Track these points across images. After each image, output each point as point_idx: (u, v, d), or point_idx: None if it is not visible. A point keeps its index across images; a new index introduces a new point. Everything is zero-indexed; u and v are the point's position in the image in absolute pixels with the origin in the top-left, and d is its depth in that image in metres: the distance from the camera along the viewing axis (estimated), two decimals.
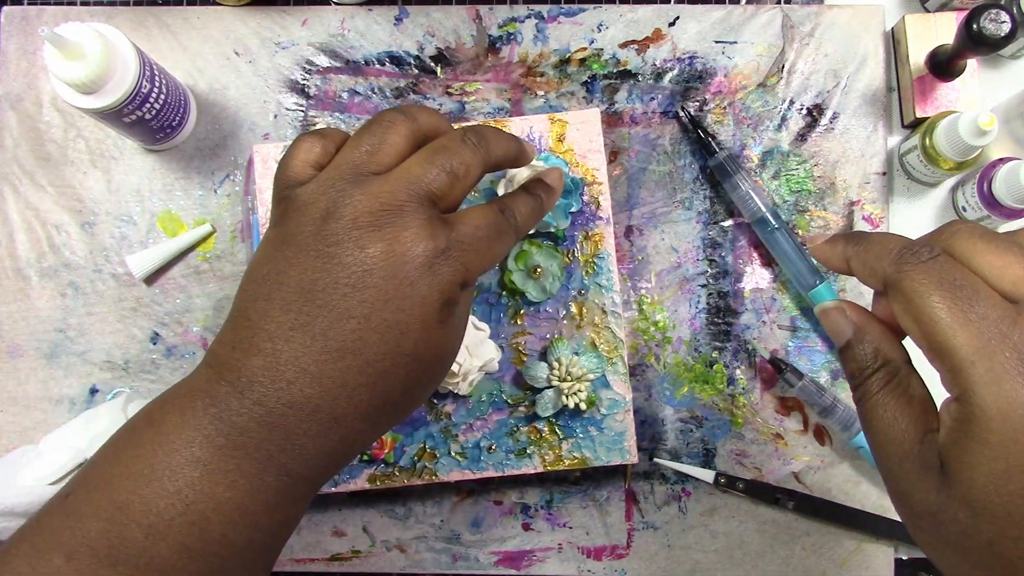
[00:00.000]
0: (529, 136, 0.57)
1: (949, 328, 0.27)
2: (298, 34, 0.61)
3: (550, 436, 0.56)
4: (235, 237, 0.60)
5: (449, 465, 0.56)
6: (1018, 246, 0.29)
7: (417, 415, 0.56)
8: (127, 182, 0.61)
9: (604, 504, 0.59)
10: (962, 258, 0.29)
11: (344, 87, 0.61)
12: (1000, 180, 0.54)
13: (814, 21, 0.61)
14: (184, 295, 0.60)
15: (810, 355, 0.59)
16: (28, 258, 0.60)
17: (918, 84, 0.60)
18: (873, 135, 0.61)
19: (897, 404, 0.30)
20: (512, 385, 0.56)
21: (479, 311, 0.56)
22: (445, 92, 0.61)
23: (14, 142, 0.60)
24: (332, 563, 0.59)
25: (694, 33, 0.62)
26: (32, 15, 0.61)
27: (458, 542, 0.59)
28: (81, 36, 0.49)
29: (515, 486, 0.59)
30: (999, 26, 0.52)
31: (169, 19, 0.61)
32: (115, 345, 0.60)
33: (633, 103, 0.61)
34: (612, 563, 0.59)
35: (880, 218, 0.60)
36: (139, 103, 0.53)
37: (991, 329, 0.27)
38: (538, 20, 0.62)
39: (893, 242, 0.30)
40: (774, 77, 0.61)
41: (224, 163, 0.61)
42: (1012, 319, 0.27)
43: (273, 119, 0.61)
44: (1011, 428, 0.26)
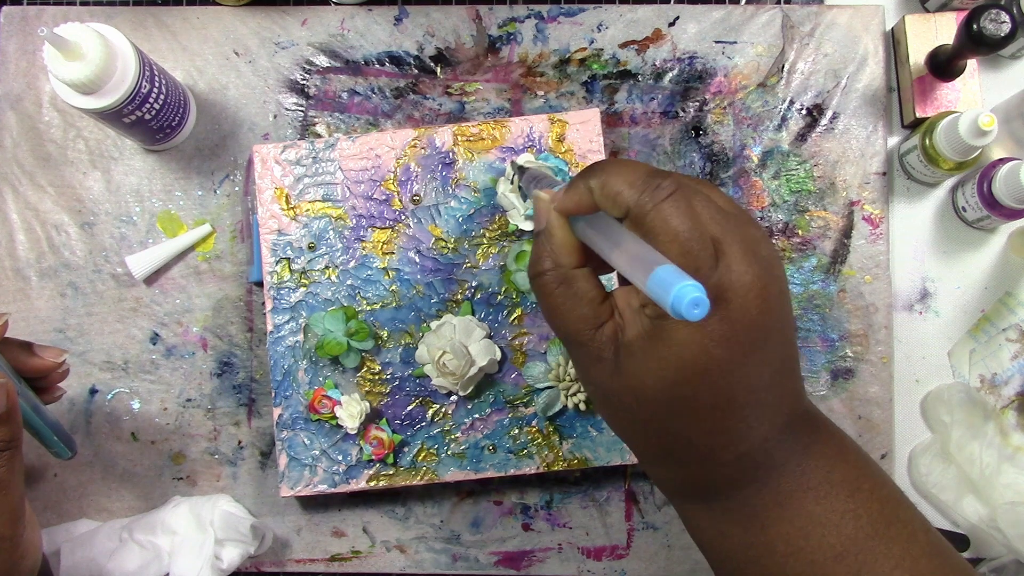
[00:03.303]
0: (529, 136, 0.57)
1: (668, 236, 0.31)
2: (298, 34, 0.61)
3: (550, 436, 0.56)
4: (235, 237, 0.60)
5: (449, 465, 0.56)
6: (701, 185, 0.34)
7: (417, 415, 0.56)
8: (127, 182, 0.61)
9: (604, 504, 0.59)
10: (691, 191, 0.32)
11: (344, 87, 0.61)
12: (1000, 180, 0.54)
13: (814, 21, 0.61)
14: (184, 295, 0.60)
15: (810, 355, 0.59)
16: (28, 258, 0.60)
17: (918, 84, 0.60)
18: (873, 135, 0.61)
19: (566, 300, 0.34)
20: (512, 385, 0.56)
21: (479, 311, 0.56)
22: (445, 92, 0.61)
23: (14, 142, 0.60)
24: (332, 563, 0.59)
25: (694, 33, 0.62)
26: (32, 15, 0.61)
27: (458, 542, 0.59)
28: (81, 36, 0.49)
29: (515, 486, 0.59)
30: (999, 26, 0.52)
31: (169, 19, 0.61)
32: (115, 345, 0.60)
33: (633, 103, 0.61)
34: (612, 563, 0.59)
35: (880, 218, 0.60)
36: (139, 103, 0.53)
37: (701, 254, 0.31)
38: (538, 20, 0.62)
39: (632, 174, 0.33)
40: (774, 77, 0.61)
41: (224, 163, 0.61)
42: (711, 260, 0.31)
43: (273, 119, 0.61)
44: (686, 354, 0.31)
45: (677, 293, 0.27)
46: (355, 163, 0.57)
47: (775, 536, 0.34)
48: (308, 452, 0.56)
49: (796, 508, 0.34)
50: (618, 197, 0.32)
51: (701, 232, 0.31)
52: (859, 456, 0.36)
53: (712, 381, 0.31)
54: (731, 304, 0.31)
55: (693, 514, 0.37)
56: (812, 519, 0.33)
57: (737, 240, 0.32)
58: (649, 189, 0.32)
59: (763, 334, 0.32)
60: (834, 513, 0.33)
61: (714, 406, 0.32)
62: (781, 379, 0.34)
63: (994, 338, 0.60)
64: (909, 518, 0.35)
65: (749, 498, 0.34)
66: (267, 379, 0.59)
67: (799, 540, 0.33)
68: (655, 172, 0.32)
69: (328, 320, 0.55)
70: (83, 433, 0.59)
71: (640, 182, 0.32)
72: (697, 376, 0.31)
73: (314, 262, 0.56)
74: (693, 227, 0.31)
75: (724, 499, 0.35)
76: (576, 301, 0.34)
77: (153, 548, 0.55)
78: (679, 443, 0.34)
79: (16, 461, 0.42)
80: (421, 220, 0.57)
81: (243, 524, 0.56)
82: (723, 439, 0.33)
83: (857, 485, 0.34)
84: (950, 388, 0.59)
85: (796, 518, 0.34)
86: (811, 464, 0.34)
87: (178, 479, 0.59)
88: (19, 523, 0.43)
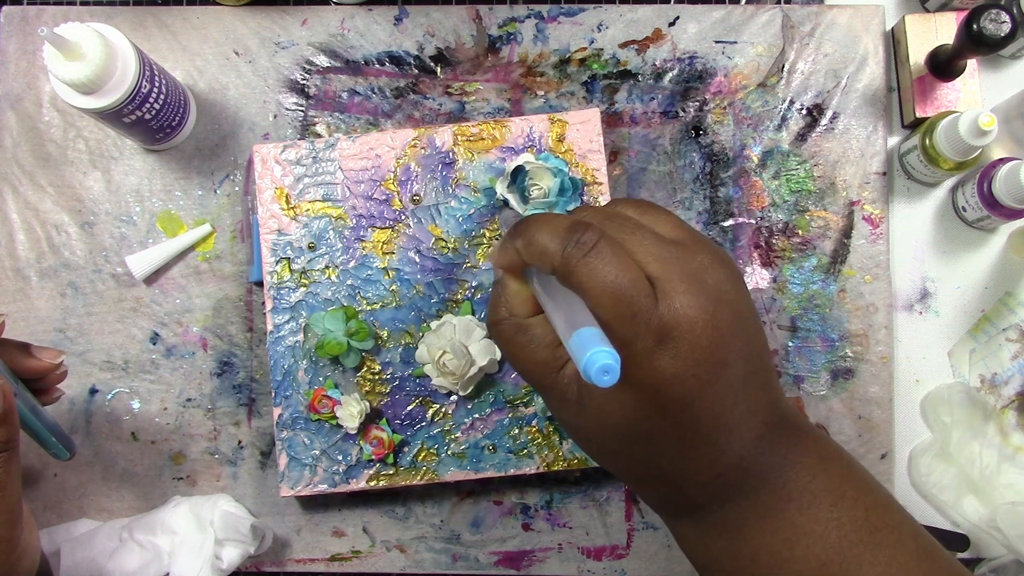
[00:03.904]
0: (529, 136, 0.57)
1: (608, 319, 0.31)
2: (298, 34, 0.61)
3: (550, 436, 0.56)
4: (235, 237, 0.60)
5: (449, 465, 0.56)
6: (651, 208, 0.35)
7: (417, 415, 0.56)
8: (127, 182, 0.61)
9: (604, 504, 0.59)
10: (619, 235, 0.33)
11: (344, 87, 0.61)
12: (1000, 180, 0.54)
13: (814, 21, 0.61)
14: (184, 295, 0.60)
15: (810, 355, 0.59)
16: (28, 258, 0.60)
17: (918, 84, 0.60)
18: (873, 135, 0.61)
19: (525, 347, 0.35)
20: (512, 385, 0.56)
21: (479, 311, 0.56)
22: (445, 92, 0.61)
23: (14, 142, 0.60)
24: (332, 563, 0.59)
25: (694, 33, 0.62)
26: (32, 15, 0.61)
27: (458, 542, 0.59)
28: (81, 36, 0.49)
29: (515, 486, 0.59)
30: (999, 26, 0.52)
31: (169, 19, 0.61)
32: (115, 345, 0.60)
33: (633, 103, 0.61)
34: (612, 563, 0.59)
35: (880, 218, 0.60)
36: (139, 103, 0.53)
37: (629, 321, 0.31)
38: (538, 20, 0.62)
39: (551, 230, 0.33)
40: (774, 77, 0.61)
41: (224, 163, 0.61)
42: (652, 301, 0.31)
43: (273, 119, 0.61)
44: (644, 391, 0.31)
45: (588, 359, 0.27)
46: (355, 163, 0.57)
47: (759, 548, 0.34)
48: (308, 452, 0.56)
49: (778, 519, 0.34)
50: (543, 257, 0.32)
51: (632, 277, 0.31)
52: (842, 462, 0.36)
53: (673, 416, 0.32)
54: (679, 340, 0.31)
55: (679, 528, 0.38)
56: (796, 529, 0.33)
57: (677, 274, 0.31)
58: (571, 245, 0.31)
59: (719, 362, 0.32)
60: (817, 523, 0.33)
61: (679, 438, 0.32)
62: (748, 397, 0.34)
63: (994, 338, 0.60)
64: (896, 523, 0.34)
65: (730, 512, 0.35)
66: (267, 379, 0.59)
67: (783, 551, 0.33)
68: (575, 225, 0.32)
69: (328, 320, 0.55)
70: (83, 433, 0.59)
71: (559, 239, 0.32)
72: (657, 413, 0.32)
73: (314, 262, 0.56)
74: (621, 275, 0.31)
75: (707, 514, 0.35)
76: (534, 348, 0.35)
77: (153, 548, 0.55)
78: (651, 471, 0.34)
79: (13, 463, 0.42)
80: (421, 220, 0.57)
81: (243, 524, 0.56)
82: (695, 465, 0.33)
83: (840, 493, 0.34)
84: (950, 388, 0.59)
85: (779, 529, 0.34)
86: (792, 475, 0.34)
87: (178, 479, 0.59)
88: (16, 525, 0.43)
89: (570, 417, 0.35)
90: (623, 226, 0.33)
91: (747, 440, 0.34)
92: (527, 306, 0.36)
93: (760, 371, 0.34)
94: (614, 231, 0.33)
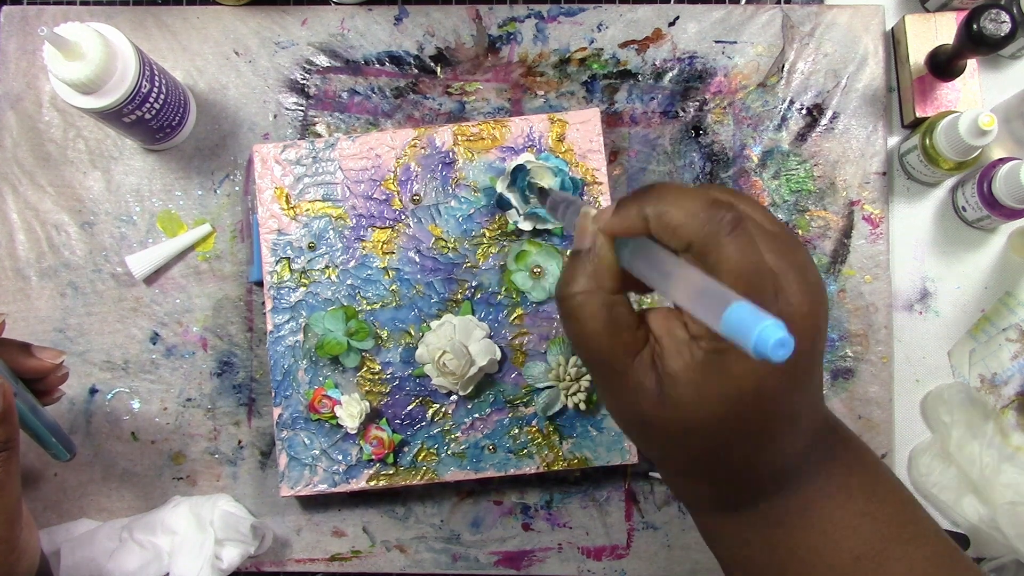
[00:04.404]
0: (529, 136, 0.57)
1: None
2: (298, 34, 0.61)
3: (550, 436, 0.56)
4: (235, 237, 0.60)
5: (449, 465, 0.56)
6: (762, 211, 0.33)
7: (417, 415, 0.56)
8: (127, 182, 0.61)
9: (604, 504, 0.59)
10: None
11: (344, 87, 0.61)
12: (1000, 180, 0.54)
13: (814, 21, 0.61)
14: (184, 295, 0.60)
15: None
16: (28, 258, 0.60)
17: (918, 84, 0.60)
18: (873, 135, 0.61)
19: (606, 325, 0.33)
20: (512, 385, 0.56)
21: (479, 311, 0.56)
22: (445, 92, 0.61)
23: (14, 142, 0.60)
24: (332, 563, 0.59)
25: (694, 33, 0.62)
26: (32, 15, 0.61)
27: (458, 542, 0.59)
28: (81, 36, 0.49)
29: (515, 486, 0.59)
30: (999, 26, 0.52)
31: (169, 19, 0.61)
32: (115, 345, 0.60)
33: (633, 103, 0.61)
34: (612, 563, 0.59)
35: (880, 218, 0.60)
36: (139, 103, 0.53)
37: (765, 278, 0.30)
38: (538, 20, 0.62)
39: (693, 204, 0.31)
40: (774, 77, 0.61)
41: (224, 163, 0.61)
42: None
43: (273, 119, 0.61)
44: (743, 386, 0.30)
45: (761, 334, 0.25)
46: (355, 163, 0.57)
47: (798, 542, 0.35)
48: (308, 452, 0.56)
49: (818, 513, 0.34)
50: (679, 230, 0.31)
51: (763, 266, 0.30)
52: (874, 460, 0.37)
53: (763, 409, 0.31)
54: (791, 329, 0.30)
55: (715, 524, 0.37)
56: (833, 523, 0.34)
57: (792, 269, 0.31)
58: (713, 222, 0.30)
59: (814, 361, 0.32)
60: (853, 516, 0.34)
61: (760, 431, 0.32)
62: (815, 397, 0.34)
63: (994, 338, 0.60)
64: (923, 521, 0.35)
65: (775, 506, 0.35)
66: (267, 379, 0.59)
67: (820, 545, 0.34)
68: (716, 202, 0.31)
69: (328, 320, 0.55)
70: (83, 433, 0.59)
71: (703, 214, 0.30)
72: (750, 406, 0.31)
73: (314, 262, 0.56)
74: (758, 262, 0.30)
75: (750, 509, 0.35)
76: (615, 327, 0.33)
77: (153, 548, 0.55)
78: (718, 465, 0.34)
79: (12, 463, 0.42)
80: (421, 220, 0.57)
81: (243, 524, 0.56)
82: (762, 458, 0.33)
83: (873, 489, 0.35)
84: (950, 388, 0.59)
85: (818, 523, 0.34)
86: (833, 469, 0.35)
87: (178, 479, 0.59)
88: (15, 525, 0.43)
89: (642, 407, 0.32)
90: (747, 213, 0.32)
91: (806, 438, 0.34)
92: (617, 281, 0.34)
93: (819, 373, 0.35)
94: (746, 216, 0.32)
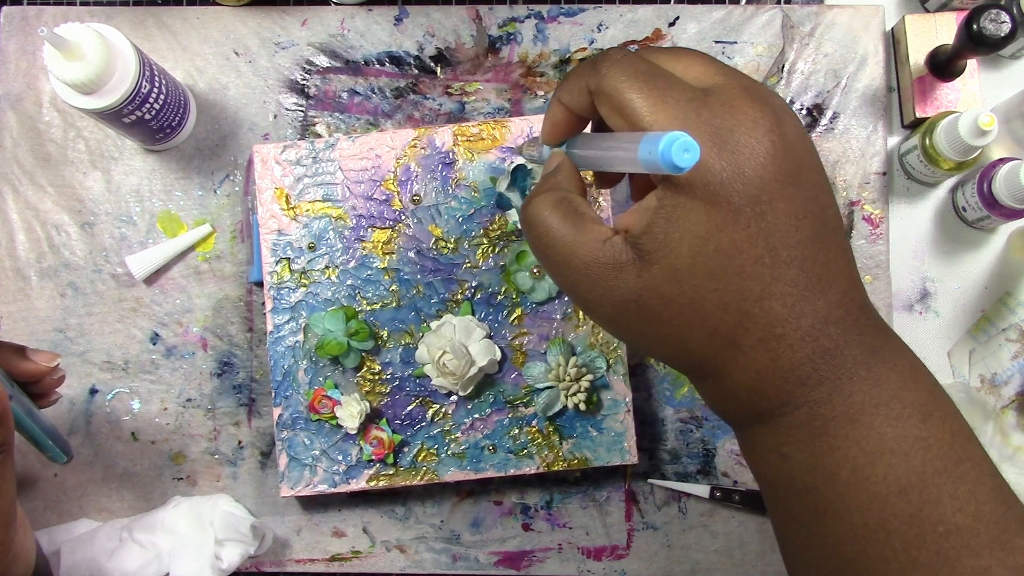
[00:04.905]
0: (529, 136, 0.57)
1: (650, 112, 0.30)
2: (298, 34, 0.61)
3: (550, 436, 0.56)
4: (235, 237, 0.60)
5: (449, 465, 0.56)
6: (688, 52, 0.33)
7: (417, 415, 0.56)
8: (127, 182, 0.61)
9: (604, 504, 0.59)
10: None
11: (344, 87, 0.61)
12: (1000, 180, 0.54)
13: (814, 21, 0.61)
14: (184, 295, 0.60)
15: None
16: (28, 258, 0.60)
17: (918, 84, 0.60)
18: (873, 135, 0.61)
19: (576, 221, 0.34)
20: (512, 385, 0.56)
21: (479, 311, 0.56)
22: (445, 92, 0.61)
23: (14, 142, 0.60)
24: (332, 563, 0.59)
25: (694, 33, 0.62)
26: (32, 15, 0.61)
27: (458, 542, 0.59)
28: (81, 36, 0.49)
29: (515, 486, 0.59)
30: (999, 26, 0.52)
31: (169, 19, 0.61)
32: (115, 345, 0.60)
33: None
34: (612, 563, 0.59)
35: (880, 218, 0.60)
36: (139, 103, 0.53)
37: (686, 109, 0.30)
38: (538, 20, 0.62)
39: (588, 62, 0.34)
40: (774, 77, 0.61)
41: (224, 163, 0.61)
42: (702, 100, 0.30)
43: (273, 119, 0.61)
44: (711, 193, 0.29)
45: (664, 144, 0.26)
46: (355, 163, 0.57)
47: (841, 459, 0.31)
48: (308, 452, 0.56)
49: (866, 426, 0.31)
50: (579, 83, 0.33)
51: (670, 71, 0.31)
52: (928, 377, 0.33)
53: (747, 224, 0.29)
54: (740, 137, 0.30)
55: (753, 437, 0.34)
56: (882, 443, 0.30)
57: (737, 83, 0.31)
58: (602, 61, 0.33)
59: (790, 173, 0.30)
60: (904, 440, 0.30)
61: (757, 259, 0.30)
62: (824, 240, 0.31)
63: (994, 338, 0.60)
64: (979, 457, 0.31)
65: (818, 408, 0.31)
66: (267, 379, 0.59)
67: (865, 467, 0.30)
68: (604, 52, 0.34)
69: (328, 320, 0.55)
70: (83, 433, 0.59)
71: (591, 62, 0.33)
72: (730, 221, 0.29)
73: (314, 262, 0.56)
74: (655, 66, 0.31)
75: (792, 411, 0.32)
76: (579, 217, 0.34)
77: (153, 548, 0.55)
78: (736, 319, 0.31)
79: (7, 466, 0.42)
80: (421, 220, 0.57)
81: (243, 524, 0.56)
82: (779, 306, 0.30)
83: (929, 411, 0.31)
84: (950, 388, 0.59)
85: (865, 439, 0.30)
86: (882, 372, 0.31)
87: (178, 479, 0.59)
88: (11, 527, 0.43)
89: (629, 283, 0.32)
90: (661, 49, 0.34)
91: (832, 299, 0.31)
92: (578, 184, 0.36)
93: (837, 232, 0.32)
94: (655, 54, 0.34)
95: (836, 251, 0.32)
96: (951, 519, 0.30)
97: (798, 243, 0.30)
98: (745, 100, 0.30)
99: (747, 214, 0.30)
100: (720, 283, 0.30)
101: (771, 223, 0.30)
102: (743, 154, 0.29)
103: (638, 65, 0.32)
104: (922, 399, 0.31)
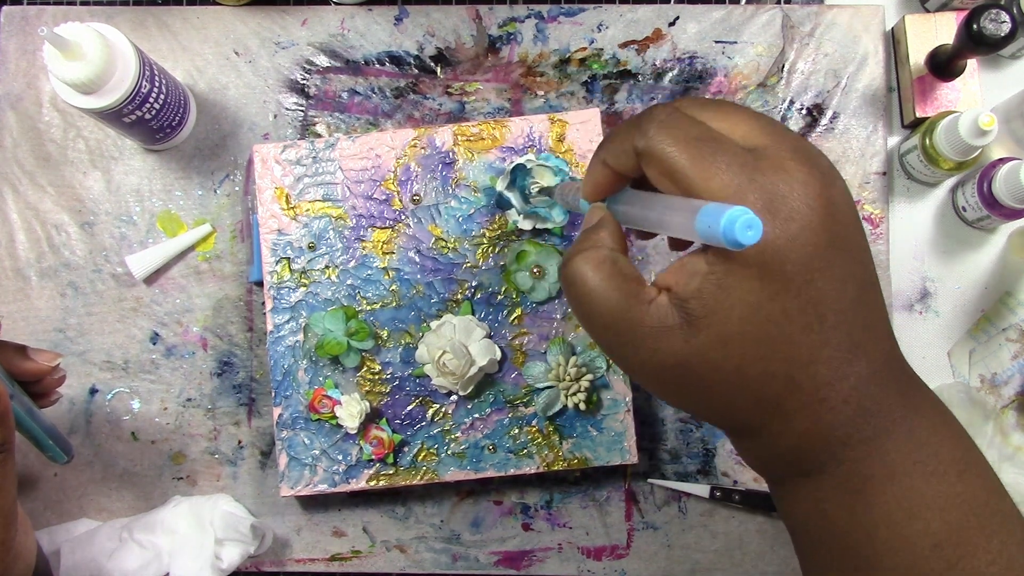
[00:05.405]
0: (529, 136, 0.57)
1: (703, 179, 0.29)
2: (298, 34, 0.61)
3: (550, 436, 0.56)
4: (235, 237, 0.60)
5: (449, 465, 0.56)
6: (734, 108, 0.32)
7: (417, 415, 0.56)
8: (127, 182, 0.61)
9: (604, 504, 0.59)
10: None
11: (344, 87, 0.61)
12: (1000, 180, 0.54)
13: (814, 21, 0.61)
14: (184, 295, 0.60)
15: None
16: (28, 258, 0.60)
17: (918, 84, 0.60)
18: (873, 135, 0.61)
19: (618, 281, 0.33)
20: (512, 385, 0.56)
21: (479, 311, 0.56)
22: (445, 92, 0.61)
23: (14, 142, 0.60)
24: (332, 563, 0.59)
25: (694, 33, 0.62)
26: (32, 15, 0.61)
27: (458, 542, 0.59)
28: (81, 36, 0.49)
29: (515, 486, 0.59)
30: (999, 26, 0.52)
31: (169, 19, 0.61)
32: (115, 345, 0.60)
33: (633, 103, 0.61)
34: (612, 563, 0.59)
35: (880, 218, 0.60)
36: (139, 103, 0.53)
37: (739, 176, 0.29)
38: (538, 20, 0.62)
39: (631, 122, 0.32)
40: (774, 77, 0.61)
41: (224, 163, 0.61)
42: (753, 165, 0.29)
43: (273, 119, 0.61)
44: (764, 262, 0.29)
45: (728, 220, 0.25)
46: (355, 163, 0.57)
47: (879, 517, 0.31)
48: (308, 452, 0.56)
49: (906, 485, 0.31)
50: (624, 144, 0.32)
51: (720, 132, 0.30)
52: (959, 428, 0.33)
53: (797, 292, 0.29)
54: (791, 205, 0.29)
55: (792, 492, 0.34)
56: (920, 499, 0.31)
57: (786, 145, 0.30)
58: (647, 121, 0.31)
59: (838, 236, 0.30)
60: (941, 496, 0.31)
61: (806, 326, 0.30)
62: (866, 300, 0.32)
63: (994, 338, 0.60)
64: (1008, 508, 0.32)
65: (858, 466, 0.31)
66: (267, 379, 0.59)
67: (903, 524, 0.31)
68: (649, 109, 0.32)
69: (328, 320, 0.55)
70: (83, 433, 0.59)
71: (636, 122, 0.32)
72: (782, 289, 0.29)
73: (314, 262, 0.56)
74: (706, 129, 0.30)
75: (832, 468, 0.32)
76: (622, 277, 0.33)
77: (153, 548, 0.55)
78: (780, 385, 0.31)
79: (8, 465, 0.42)
80: (421, 220, 0.57)
81: (243, 524, 0.56)
82: (824, 370, 0.30)
83: (965, 466, 0.32)
84: (950, 388, 0.59)
85: (904, 498, 0.31)
86: (920, 429, 0.32)
87: (178, 479, 0.59)
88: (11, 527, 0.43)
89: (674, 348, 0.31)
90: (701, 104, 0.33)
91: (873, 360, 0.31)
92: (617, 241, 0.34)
93: (876, 288, 0.32)
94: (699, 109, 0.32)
95: (875, 308, 0.32)
96: (984, 571, 0.30)
97: (844, 307, 0.31)
98: (794, 162, 0.30)
99: (798, 282, 0.29)
100: (768, 350, 0.30)
101: (820, 289, 0.30)
102: (796, 221, 0.29)
103: (687, 128, 0.31)
104: (958, 455, 0.32)
